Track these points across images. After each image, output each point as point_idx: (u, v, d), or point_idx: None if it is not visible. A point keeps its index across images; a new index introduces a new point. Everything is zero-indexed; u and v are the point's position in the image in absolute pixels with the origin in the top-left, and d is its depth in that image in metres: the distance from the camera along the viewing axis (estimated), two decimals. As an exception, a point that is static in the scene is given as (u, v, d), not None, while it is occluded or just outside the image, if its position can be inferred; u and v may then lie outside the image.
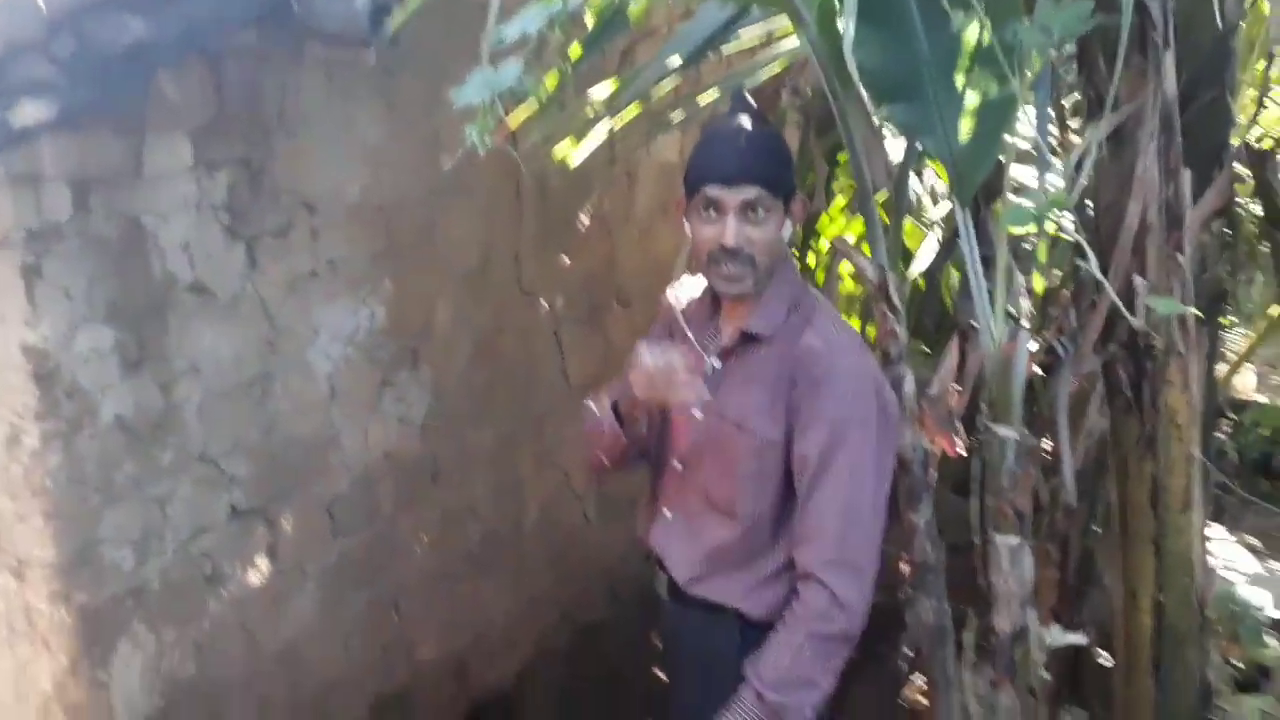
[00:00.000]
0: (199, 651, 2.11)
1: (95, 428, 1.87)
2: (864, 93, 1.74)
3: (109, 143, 1.85)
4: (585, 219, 3.40)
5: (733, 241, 1.61)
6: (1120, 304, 1.59)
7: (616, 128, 2.43)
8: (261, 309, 2.21)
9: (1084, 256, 2.14)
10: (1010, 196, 1.63)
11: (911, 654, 3.46)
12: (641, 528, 1.97)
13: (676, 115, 2.39)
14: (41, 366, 1.78)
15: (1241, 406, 6.15)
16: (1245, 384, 6.81)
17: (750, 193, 1.61)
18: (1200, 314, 2.09)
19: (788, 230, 1.73)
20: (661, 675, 3.72)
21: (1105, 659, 2.54)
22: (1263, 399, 6.48)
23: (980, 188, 1.88)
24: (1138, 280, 1.80)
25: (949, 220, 2.96)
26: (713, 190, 1.61)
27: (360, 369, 2.49)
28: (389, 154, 2.49)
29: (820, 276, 3.47)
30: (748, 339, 1.72)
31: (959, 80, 1.60)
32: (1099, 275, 1.49)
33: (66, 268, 1.80)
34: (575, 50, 1.78)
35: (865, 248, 2.00)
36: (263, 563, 2.24)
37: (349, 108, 2.36)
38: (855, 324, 2.85)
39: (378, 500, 2.57)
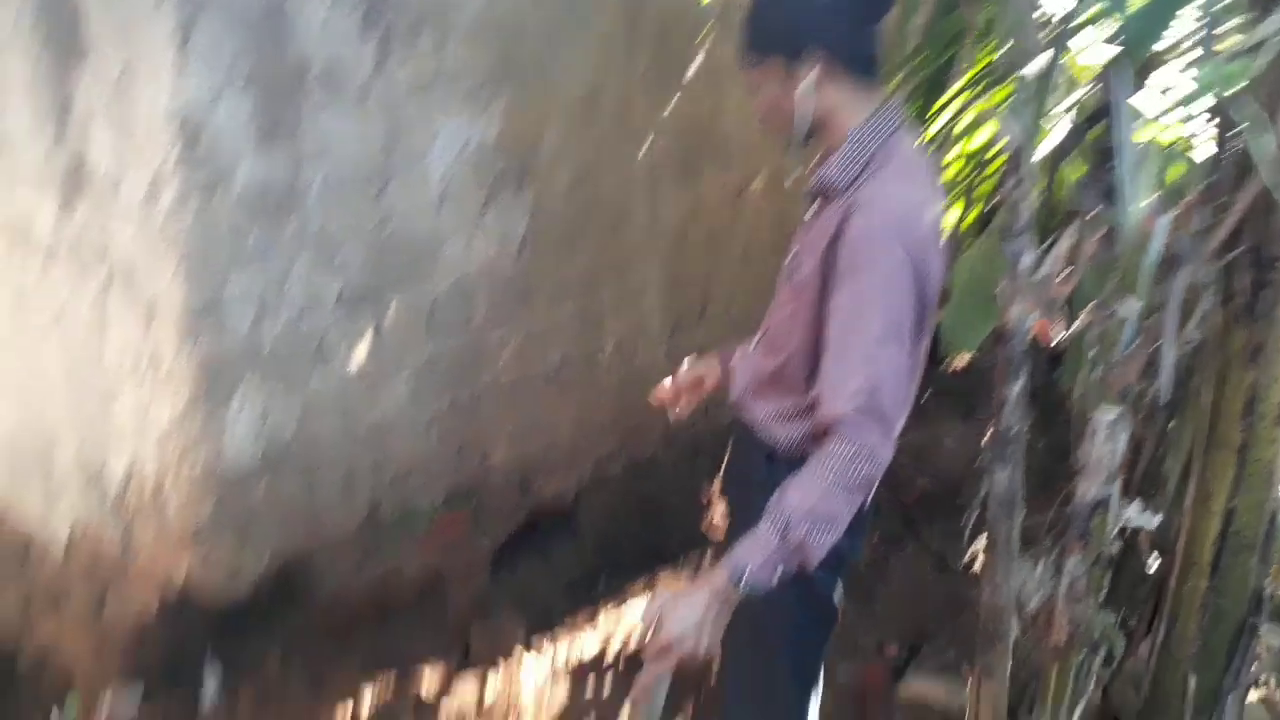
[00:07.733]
0: (300, 417, 2.22)
1: (228, 193, 1.93)
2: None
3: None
4: (695, 66, 3.33)
5: (760, 117, 1.73)
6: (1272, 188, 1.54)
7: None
8: (385, 107, 2.23)
9: (1219, 158, 2.08)
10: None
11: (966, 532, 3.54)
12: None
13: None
14: (185, 126, 1.83)
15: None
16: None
17: (754, 74, 1.68)
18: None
19: (809, 84, 1.65)
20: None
21: (1150, 564, 2.58)
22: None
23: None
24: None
25: (1081, 110, 2.87)
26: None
27: (468, 182, 2.52)
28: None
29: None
30: (820, 191, 1.76)
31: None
32: (1258, 155, 1.45)
33: (213, 35, 1.83)
34: None
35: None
36: (363, 349, 2.33)
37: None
38: (959, 207, 2.81)
39: (472, 310, 2.64)
